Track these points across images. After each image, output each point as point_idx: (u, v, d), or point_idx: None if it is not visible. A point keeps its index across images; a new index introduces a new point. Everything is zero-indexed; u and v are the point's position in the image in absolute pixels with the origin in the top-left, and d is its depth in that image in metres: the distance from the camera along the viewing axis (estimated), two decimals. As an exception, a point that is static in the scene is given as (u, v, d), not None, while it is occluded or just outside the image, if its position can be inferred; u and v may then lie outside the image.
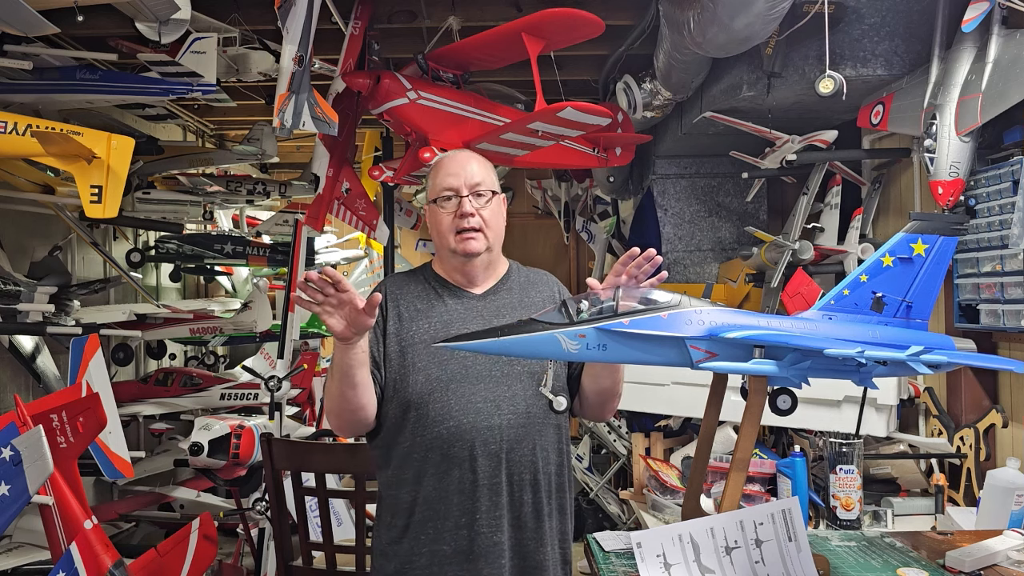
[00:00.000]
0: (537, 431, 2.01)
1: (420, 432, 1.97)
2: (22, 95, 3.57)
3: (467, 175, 2.04)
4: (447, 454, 1.95)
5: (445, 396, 1.96)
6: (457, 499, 1.95)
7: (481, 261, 2.08)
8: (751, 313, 1.75)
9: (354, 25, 3.48)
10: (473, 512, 1.94)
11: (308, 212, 4.10)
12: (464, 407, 1.96)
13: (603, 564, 1.87)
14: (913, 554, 1.92)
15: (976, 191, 2.63)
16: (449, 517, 1.95)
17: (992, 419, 2.73)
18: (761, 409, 1.75)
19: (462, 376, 1.98)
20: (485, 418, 1.95)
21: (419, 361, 1.99)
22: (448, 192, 2.03)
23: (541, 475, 2.01)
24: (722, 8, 2.62)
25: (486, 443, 1.95)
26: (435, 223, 2.07)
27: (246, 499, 4.54)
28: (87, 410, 2.60)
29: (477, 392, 1.97)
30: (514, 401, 1.99)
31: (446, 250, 2.06)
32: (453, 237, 2.03)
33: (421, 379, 1.97)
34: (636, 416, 4.31)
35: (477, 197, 2.04)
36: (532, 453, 2.00)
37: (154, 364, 5.95)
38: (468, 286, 2.10)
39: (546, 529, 2.02)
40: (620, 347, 1.68)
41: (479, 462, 1.95)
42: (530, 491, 2.00)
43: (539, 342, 1.66)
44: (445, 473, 1.95)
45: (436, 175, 2.08)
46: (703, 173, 4.88)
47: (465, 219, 2.01)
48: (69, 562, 2.48)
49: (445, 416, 1.95)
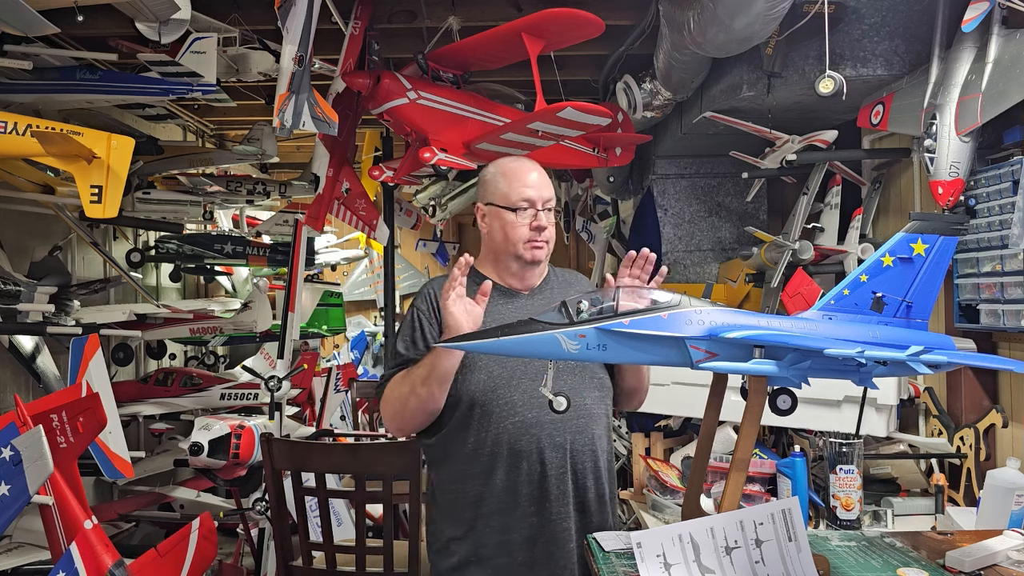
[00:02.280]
0: (594, 421, 2.18)
1: (486, 428, 2.10)
2: (22, 95, 3.57)
3: (544, 190, 2.20)
4: (515, 448, 2.08)
5: (508, 392, 2.10)
6: (526, 490, 2.09)
7: (540, 268, 2.27)
8: (751, 313, 1.75)
9: (354, 25, 3.48)
10: (543, 501, 2.09)
11: (308, 212, 4.11)
12: (527, 402, 2.10)
13: (603, 564, 1.87)
14: (913, 554, 1.92)
15: (976, 191, 2.63)
16: (518, 507, 2.08)
17: (992, 419, 2.72)
18: (761, 409, 1.76)
19: (522, 372, 2.12)
20: (547, 411, 2.02)
21: (479, 360, 2.11)
22: (526, 203, 2.18)
23: (601, 461, 2.19)
24: (722, 8, 2.62)
25: (551, 435, 2.10)
26: (504, 227, 2.19)
27: (246, 499, 4.54)
28: (87, 410, 2.59)
29: (537, 386, 2.03)
30: (571, 393, 2.02)
31: (510, 255, 2.21)
32: (523, 245, 2.18)
33: (483, 377, 2.10)
34: (636, 416, 4.30)
35: (548, 211, 2.21)
36: (592, 442, 2.16)
37: (154, 364, 5.95)
38: (518, 287, 2.26)
39: (608, 512, 2.18)
40: (620, 347, 1.68)
41: (547, 454, 2.09)
42: (592, 477, 2.16)
43: (539, 342, 1.67)
44: (513, 466, 2.09)
45: (511, 182, 2.19)
46: (703, 173, 4.88)
47: (540, 232, 2.18)
48: (69, 562, 2.48)
49: (510, 411, 2.09)
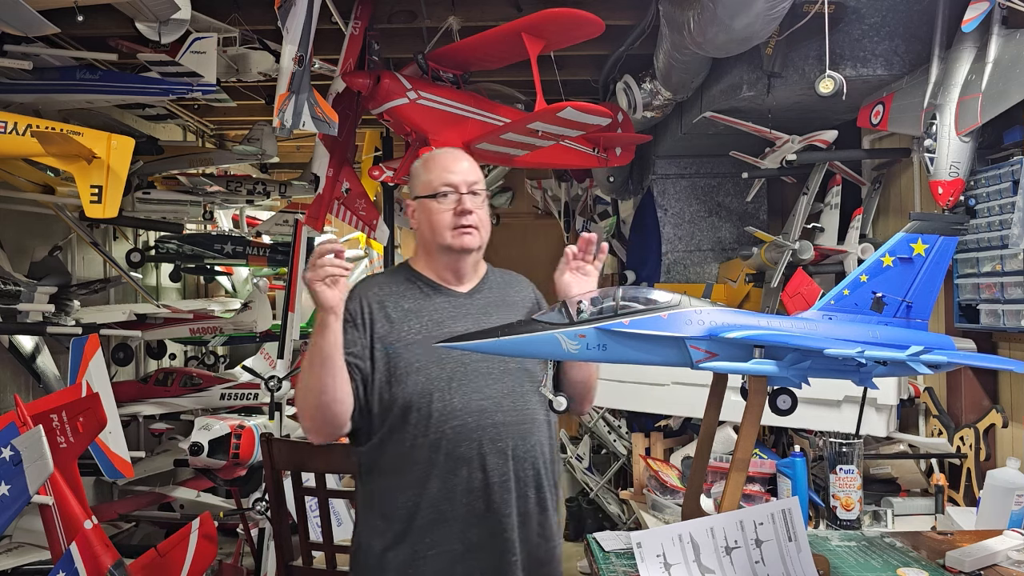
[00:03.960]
0: (536, 427, 2.04)
1: (423, 433, 1.94)
2: (22, 95, 3.57)
3: (466, 173, 2.06)
4: (453, 453, 1.94)
5: (448, 395, 1.95)
6: (465, 499, 1.94)
7: (472, 258, 2.10)
8: (751, 313, 1.75)
9: (354, 25, 3.48)
10: (483, 511, 1.95)
11: (308, 212, 4.10)
12: (467, 405, 1.96)
13: (603, 564, 1.87)
14: (913, 554, 1.92)
15: (976, 191, 2.63)
16: (457, 518, 1.94)
17: (992, 419, 2.72)
18: (761, 409, 1.75)
19: (462, 374, 1.97)
20: (489, 415, 1.96)
21: (416, 361, 1.97)
22: (447, 188, 2.03)
23: (543, 470, 2.05)
24: (722, 8, 2.62)
25: (493, 440, 1.96)
26: (428, 218, 2.05)
27: (246, 499, 4.54)
28: (87, 410, 2.60)
29: (478, 389, 1.97)
30: (513, 397, 2.00)
31: (439, 246, 2.05)
32: (450, 232, 2.02)
33: (422, 379, 1.96)
34: (636, 416, 4.31)
35: (473, 196, 2.05)
36: (534, 449, 2.03)
37: (154, 364, 5.95)
38: (455, 284, 2.10)
39: (550, 524, 2.06)
40: (620, 347, 1.68)
41: (488, 460, 1.95)
42: (534, 487, 2.02)
43: (539, 342, 1.67)
44: (451, 473, 1.94)
45: (431, 170, 2.08)
46: (703, 173, 4.88)
47: (465, 216, 2.02)
48: (69, 562, 2.48)
49: (449, 415, 1.94)
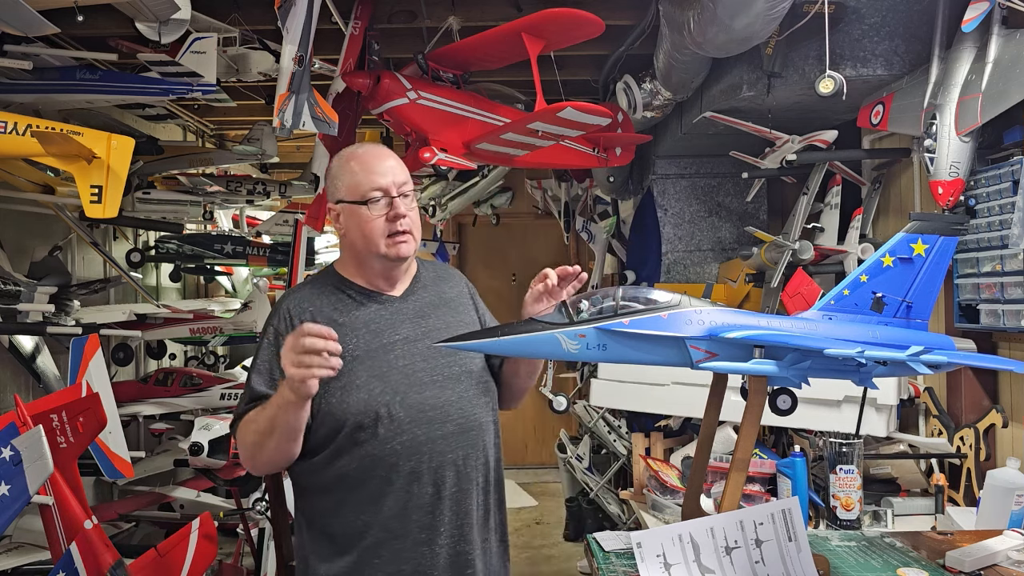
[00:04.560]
0: (484, 431, 1.96)
1: (370, 452, 1.83)
2: (22, 95, 3.57)
3: (394, 173, 1.92)
4: (402, 470, 1.83)
5: (393, 410, 1.84)
6: (417, 515, 1.84)
7: (406, 264, 1.99)
8: (751, 313, 1.75)
9: (354, 25, 3.48)
10: (436, 526, 1.85)
11: (308, 212, 4.10)
12: (415, 418, 1.85)
13: (603, 564, 1.87)
14: (913, 554, 1.92)
15: (976, 191, 2.63)
16: (408, 535, 1.84)
17: (992, 419, 2.72)
18: (761, 409, 1.76)
19: (406, 387, 1.87)
20: (438, 427, 1.87)
21: (357, 379, 1.84)
22: (377, 192, 1.89)
23: (491, 475, 1.97)
24: (722, 8, 2.62)
25: (443, 453, 1.86)
26: (359, 226, 1.90)
27: (246, 499, 4.54)
28: (87, 410, 2.60)
29: (424, 400, 1.87)
30: (460, 404, 1.92)
31: (372, 255, 1.92)
32: (384, 241, 1.89)
33: (364, 396, 1.84)
34: (636, 416, 4.31)
35: (404, 198, 1.92)
36: (484, 454, 1.95)
37: (154, 364, 5.95)
38: (388, 289, 1.98)
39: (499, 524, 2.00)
40: (620, 347, 1.68)
41: (440, 473, 1.86)
42: (481, 494, 1.94)
43: (539, 342, 1.67)
44: (402, 490, 1.84)
45: (357, 173, 1.91)
46: (703, 173, 4.88)
47: (399, 221, 1.89)
48: (69, 562, 2.49)
49: (397, 431, 1.84)
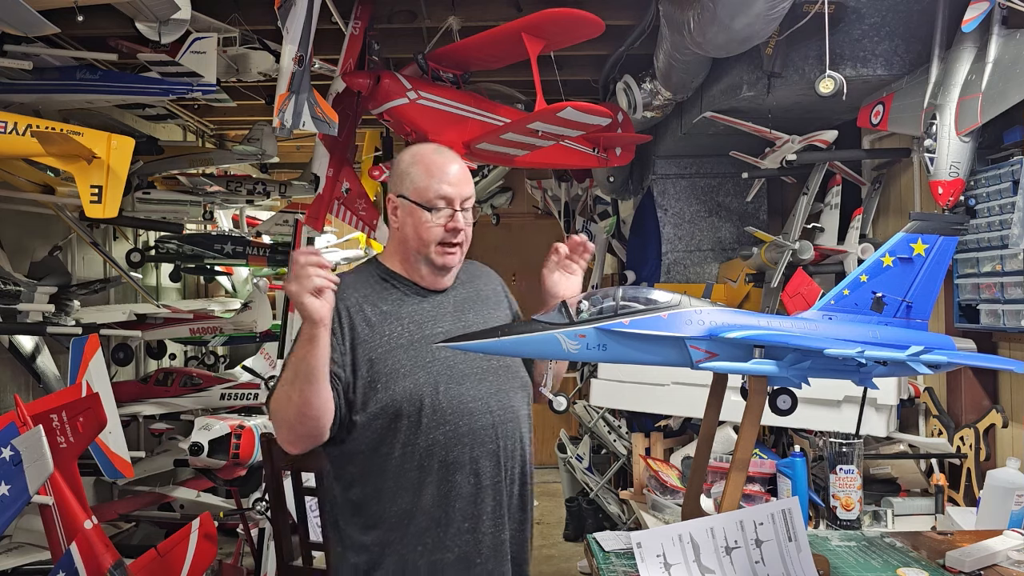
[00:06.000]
0: (520, 423, 2.02)
1: (413, 440, 1.87)
2: (22, 95, 3.58)
3: (463, 187, 1.96)
4: (446, 460, 1.88)
5: (436, 400, 1.89)
6: (459, 504, 1.89)
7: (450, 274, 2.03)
8: (751, 313, 1.75)
9: (354, 25, 3.48)
10: (478, 515, 1.90)
11: (308, 212, 4.10)
12: (457, 409, 1.90)
13: (603, 564, 1.87)
14: (913, 554, 1.92)
15: (976, 191, 2.63)
16: (451, 523, 1.88)
17: (992, 419, 2.72)
18: (761, 409, 1.76)
19: (448, 377, 1.91)
20: (479, 418, 1.92)
21: (402, 367, 1.89)
22: (442, 202, 1.94)
23: (527, 467, 2.03)
24: (722, 8, 2.62)
25: (484, 443, 1.92)
26: (415, 226, 1.95)
27: (246, 499, 4.54)
28: (87, 410, 2.60)
29: (466, 392, 1.93)
30: (500, 396, 1.97)
31: (421, 256, 1.97)
32: (436, 248, 1.94)
33: (409, 384, 1.88)
34: (636, 416, 4.31)
35: (465, 212, 1.97)
36: (521, 446, 2.01)
37: (154, 364, 5.95)
38: (430, 285, 2.02)
39: (530, 518, 2.04)
40: (620, 347, 1.68)
41: (481, 463, 1.91)
42: (519, 484, 2.00)
43: (539, 342, 1.67)
44: (445, 479, 1.88)
45: (429, 176, 1.95)
46: (703, 173, 4.88)
47: (455, 234, 1.95)
48: (69, 562, 2.49)
49: (440, 421, 1.88)
